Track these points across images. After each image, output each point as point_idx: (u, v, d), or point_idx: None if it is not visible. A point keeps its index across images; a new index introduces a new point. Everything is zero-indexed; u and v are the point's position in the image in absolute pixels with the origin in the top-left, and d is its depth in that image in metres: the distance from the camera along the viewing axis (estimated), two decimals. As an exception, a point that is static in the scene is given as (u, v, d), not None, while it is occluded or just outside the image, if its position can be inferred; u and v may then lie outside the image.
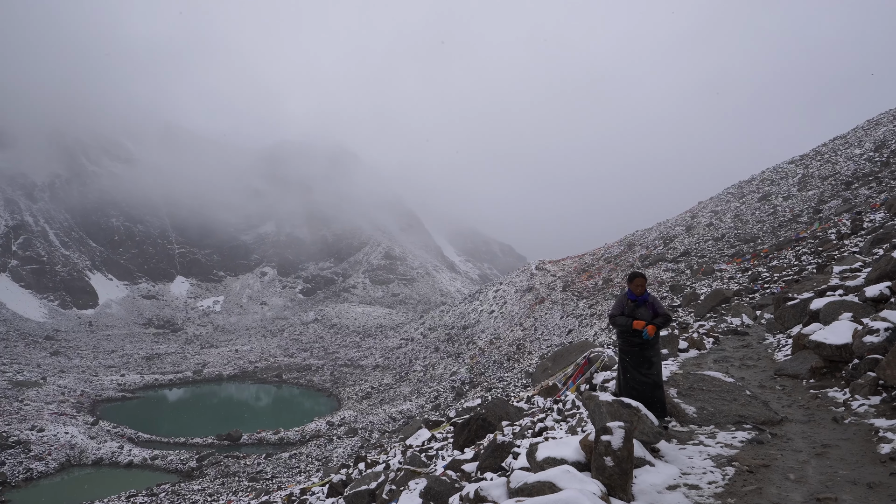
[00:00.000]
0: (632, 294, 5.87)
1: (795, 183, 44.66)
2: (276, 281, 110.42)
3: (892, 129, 40.96)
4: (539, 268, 64.09)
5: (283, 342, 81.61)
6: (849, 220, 25.48)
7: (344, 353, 72.71)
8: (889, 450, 4.30)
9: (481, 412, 13.81)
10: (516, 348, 46.88)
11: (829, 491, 3.77)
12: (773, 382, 7.38)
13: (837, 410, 5.62)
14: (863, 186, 33.13)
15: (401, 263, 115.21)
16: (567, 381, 16.23)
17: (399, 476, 11.29)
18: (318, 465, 33.32)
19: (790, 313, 11.03)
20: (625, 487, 3.77)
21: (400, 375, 57.29)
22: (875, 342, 6.07)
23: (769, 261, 27.58)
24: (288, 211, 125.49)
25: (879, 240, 17.00)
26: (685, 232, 49.93)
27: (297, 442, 40.92)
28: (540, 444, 4.52)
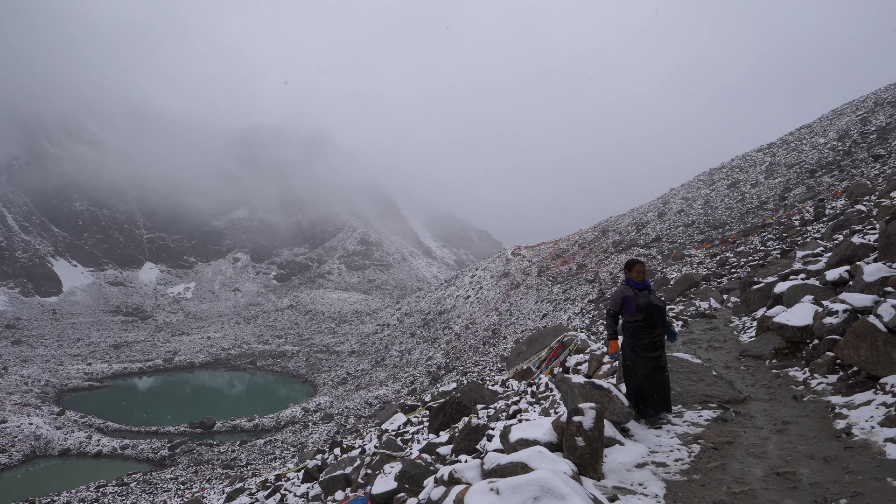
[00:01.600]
0: (636, 283, 5.43)
1: (763, 171, 45.85)
2: (250, 267, 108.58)
3: (855, 120, 42.31)
4: (515, 253, 64.59)
5: (256, 329, 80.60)
6: (812, 207, 26.34)
7: (319, 340, 72.29)
8: (844, 425, 4.49)
9: (456, 396, 13.93)
10: (492, 333, 47.35)
11: (789, 465, 3.92)
12: (738, 363, 7.62)
13: (797, 389, 5.84)
14: (826, 175, 34.23)
15: (377, 249, 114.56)
16: (541, 365, 16.48)
17: (375, 460, 11.34)
18: (294, 452, 33.24)
19: (755, 297, 11.37)
20: (595, 466, 3.85)
21: (376, 361, 57.34)
22: (834, 323, 6.30)
23: (736, 246, 28.37)
24: (262, 196, 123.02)
25: (840, 226, 17.63)
26: (657, 218, 50.90)
27: (272, 428, 40.71)
28: (513, 426, 4.57)
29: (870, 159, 30.50)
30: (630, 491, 3.63)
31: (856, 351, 5.37)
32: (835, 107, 52.46)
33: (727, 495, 3.54)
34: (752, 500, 3.44)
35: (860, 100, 48.60)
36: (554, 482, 2.50)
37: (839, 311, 6.37)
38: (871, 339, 5.21)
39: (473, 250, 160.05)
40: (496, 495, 2.49)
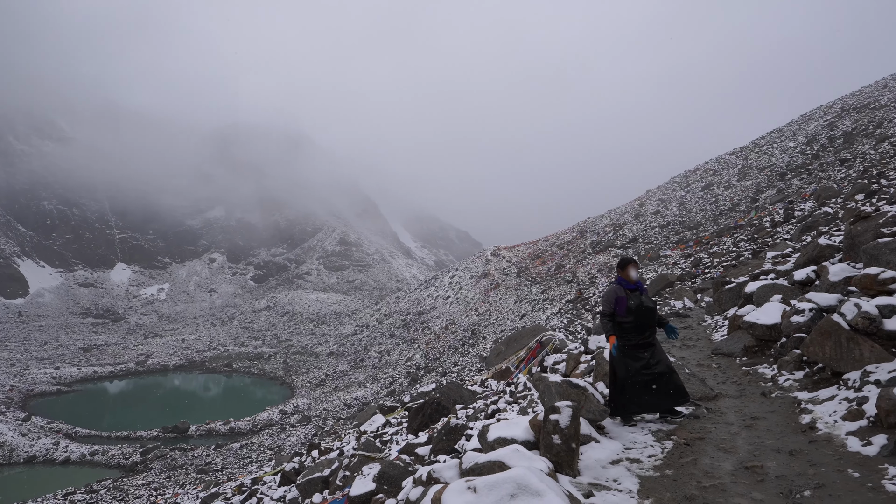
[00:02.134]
0: (628, 283, 5.35)
1: (736, 173, 47.01)
2: (226, 267, 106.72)
3: (822, 125, 43.71)
4: (494, 254, 64.89)
5: (233, 330, 79.27)
6: (782, 209, 27.12)
7: (297, 341, 71.46)
8: (809, 420, 4.64)
9: (436, 396, 13.94)
10: (471, 333, 47.47)
11: (756, 459, 4.04)
12: (710, 361, 7.80)
13: (766, 385, 6.01)
14: (795, 177, 35.28)
15: (356, 249, 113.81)
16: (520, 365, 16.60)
17: (353, 462, 11.26)
18: (271, 455, 32.78)
19: (727, 296, 11.66)
20: (571, 464, 3.90)
21: (355, 362, 56.95)
22: (801, 322, 6.51)
23: (710, 247, 29.03)
24: (239, 195, 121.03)
25: (808, 227, 18.19)
26: (634, 219, 51.74)
27: (248, 432, 40.07)
28: (491, 426, 4.60)
29: (836, 163, 31.54)
30: (605, 487, 3.69)
31: (821, 348, 5.55)
32: (804, 112, 54.10)
33: (698, 489, 3.63)
34: (721, 494, 3.53)
35: (828, 105, 50.22)
36: (530, 479, 2.54)
37: (806, 309, 6.58)
38: (835, 336, 5.39)
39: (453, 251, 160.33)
40: (473, 493, 2.51)
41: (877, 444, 3.81)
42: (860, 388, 4.78)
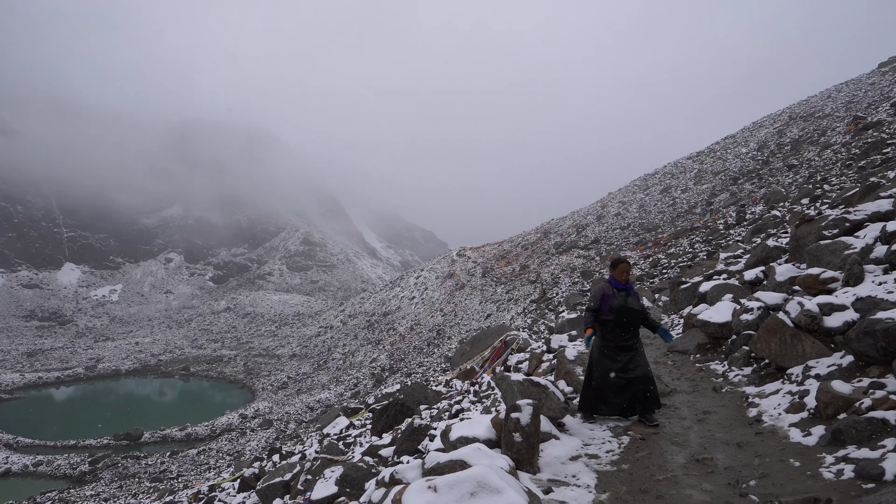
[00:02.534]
0: (617, 282, 5.28)
1: (692, 177, 48.78)
2: (184, 268, 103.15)
3: (772, 132, 45.88)
4: (460, 254, 65.15)
5: (190, 333, 76.68)
6: (734, 212, 28.32)
7: (259, 343, 69.79)
8: (756, 413, 4.87)
9: (400, 397, 13.88)
10: (436, 334, 47.50)
11: (707, 452, 4.21)
12: (665, 358, 8.07)
13: (717, 381, 6.26)
14: (747, 182, 36.90)
15: (320, 249, 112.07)
16: (484, 364, 16.72)
17: (315, 466, 11.08)
18: (230, 461, 31.89)
19: (683, 296, 12.08)
20: (531, 461, 3.96)
21: (318, 364, 56.07)
22: (750, 320, 6.81)
23: (668, 248, 30.02)
24: (197, 193, 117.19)
25: (758, 230, 19.07)
26: (596, 221, 52.95)
27: (206, 437, 38.85)
28: (453, 425, 4.62)
29: (785, 169, 33.16)
30: (564, 483, 3.76)
31: (767, 345, 5.83)
32: (755, 119, 56.67)
33: (652, 482, 3.75)
34: (674, 486, 3.66)
35: (777, 113, 52.75)
36: (490, 477, 2.56)
37: (754, 308, 6.89)
38: (780, 333, 5.67)
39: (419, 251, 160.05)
40: (434, 493, 2.52)
41: (816, 434, 4.02)
42: (802, 382, 5.04)
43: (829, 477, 3.39)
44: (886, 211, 8.00)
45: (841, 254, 7.12)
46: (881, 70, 44.00)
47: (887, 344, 4.20)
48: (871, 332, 4.33)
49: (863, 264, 6.27)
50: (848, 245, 7.28)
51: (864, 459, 3.38)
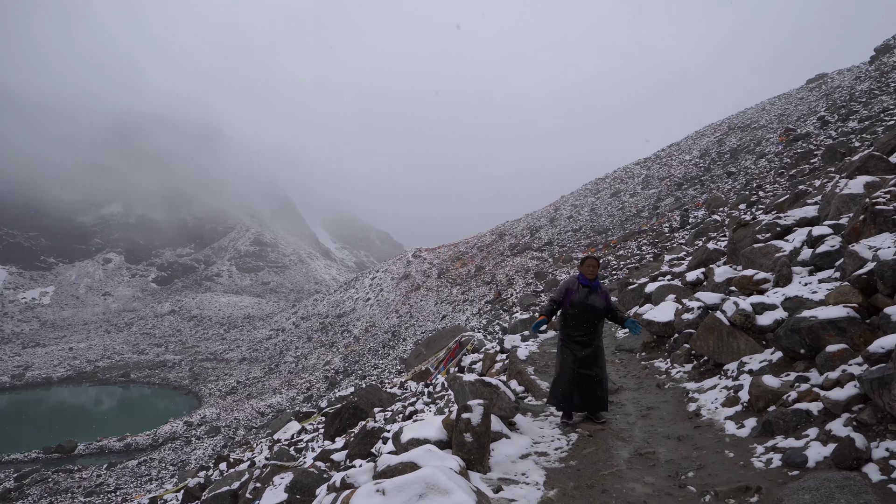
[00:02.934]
0: (584, 278, 5.36)
1: (640, 182, 50.73)
2: (124, 268, 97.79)
3: (713, 140, 48.37)
4: (415, 255, 65.03)
5: (131, 337, 72.79)
6: (679, 216, 29.65)
7: (206, 347, 67.12)
8: (695, 407, 5.11)
9: (353, 400, 13.70)
10: (392, 335, 47.19)
11: (650, 446, 4.37)
12: (613, 357, 8.34)
13: (661, 378, 6.52)
14: (690, 187, 38.72)
15: (272, 250, 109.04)
16: (439, 365, 16.75)
17: (265, 473, 10.75)
18: (174, 471, 30.47)
19: (630, 296, 12.52)
20: (482, 460, 3.99)
21: (269, 368, 54.52)
22: (690, 319, 7.14)
23: (617, 250, 31.07)
24: (140, 190, 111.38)
25: (699, 233, 20.05)
26: (549, 223, 54.16)
27: (147, 447, 36.94)
28: (405, 427, 4.60)
29: (724, 175, 35.02)
30: (514, 481, 3.81)
31: (706, 342, 6.12)
32: (698, 128, 59.55)
33: (597, 477, 3.86)
34: (618, 480, 3.78)
35: (717, 123, 55.64)
36: (438, 478, 2.56)
37: (694, 308, 7.22)
38: (717, 331, 5.97)
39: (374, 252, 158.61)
40: (382, 496, 2.49)
41: (748, 426, 4.26)
42: (737, 377, 5.33)
43: (760, 466, 3.59)
44: (812, 217, 8.59)
45: (772, 256, 7.58)
46: (809, 86, 47.26)
47: (811, 340, 4.50)
48: (797, 329, 4.62)
49: (791, 266, 6.70)
50: (778, 248, 7.76)
51: (790, 448, 3.60)
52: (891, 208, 6.11)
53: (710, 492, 3.38)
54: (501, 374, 8.16)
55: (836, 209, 7.77)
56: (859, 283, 4.65)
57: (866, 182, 7.75)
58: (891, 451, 3.06)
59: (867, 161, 8.78)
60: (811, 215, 8.64)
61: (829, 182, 10.65)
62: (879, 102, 24.88)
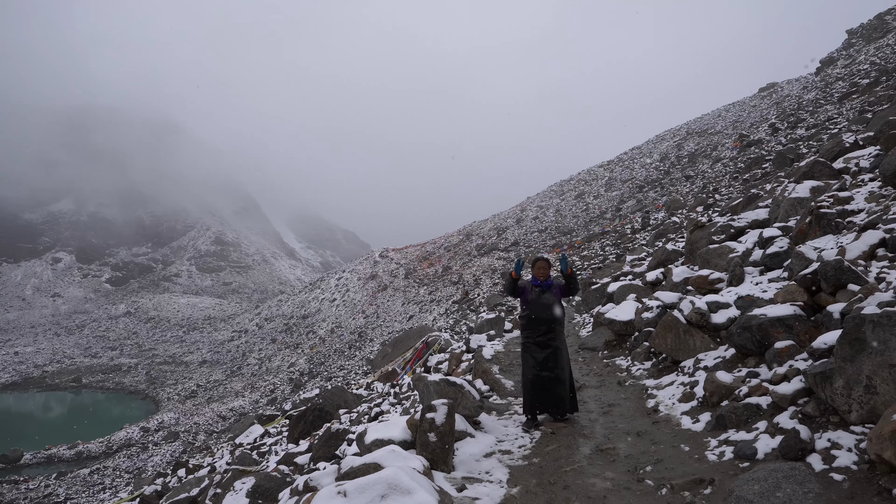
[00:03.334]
0: (536, 279, 5.46)
1: (603, 184, 51.90)
2: (75, 268, 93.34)
3: (673, 144, 49.97)
4: (382, 255, 64.62)
5: (83, 340, 69.56)
6: (640, 218, 30.49)
7: (164, 350, 64.81)
8: (653, 404, 5.26)
9: (319, 402, 13.49)
10: (358, 336, 46.74)
11: (610, 442, 4.48)
12: (577, 355, 8.49)
13: (621, 375, 6.69)
14: (651, 190, 39.88)
15: (234, 250, 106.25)
16: (406, 366, 16.69)
17: (226, 478, 10.47)
18: (129, 479, 29.29)
19: (593, 296, 12.80)
20: (446, 460, 4.00)
21: (231, 370, 53.10)
22: (650, 317, 7.35)
23: (581, 251, 31.69)
24: (93, 187, 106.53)
25: (660, 234, 20.67)
26: (515, 224, 54.76)
27: (100, 455, 35.36)
28: (369, 428, 4.56)
29: (683, 179, 36.22)
30: (477, 480, 3.84)
31: (664, 340, 6.32)
32: (658, 132, 61.42)
33: (559, 474, 3.93)
34: (579, 476, 3.86)
35: (676, 128, 57.53)
36: (401, 479, 2.55)
37: (654, 307, 7.44)
38: (675, 329, 6.17)
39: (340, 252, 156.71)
40: (343, 498, 2.46)
41: (703, 420, 4.42)
42: (693, 374, 5.52)
43: (713, 459, 3.73)
44: (763, 219, 8.99)
45: (726, 257, 7.90)
46: (761, 94, 49.44)
47: (761, 337, 4.70)
48: (749, 326, 4.83)
49: (743, 266, 6.99)
50: (732, 249, 8.09)
51: (741, 441, 3.75)
52: (834, 212, 6.46)
53: (667, 485, 3.49)
54: (467, 374, 8.20)
55: (784, 212, 8.16)
56: (805, 282, 4.89)
57: (812, 186, 8.17)
58: (832, 442, 3.23)
59: (813, 167, 9.25)
60: (762, 218, 9.05)
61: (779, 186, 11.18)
62: (825, 112, 26.26)
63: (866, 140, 10.33)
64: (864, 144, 10.14)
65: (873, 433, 2.83)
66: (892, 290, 3.76)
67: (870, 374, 3.12)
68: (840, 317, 4.13)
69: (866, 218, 5.98)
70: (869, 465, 2.92)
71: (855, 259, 4.97)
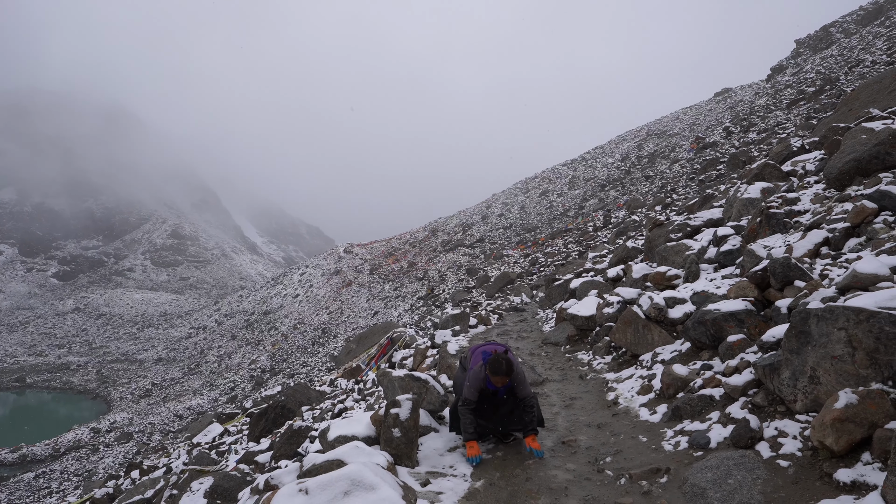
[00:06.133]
0: (490, 383, 4.25)
1: (567, 182, 52.85)
2: (18, 262, 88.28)
3: (633, 145, 51.35)
4: (347, 251, 63.88)
5: (27, 338, 65.98)
6: (602, 216, 31.21)
7: (116, 347, 62.22)
8: (613, 396, 5.40)
9: (280, 399, 13.26)
10: (322, 332, 46.11)
11: (572, 434, 4.57)
12: (540, 350, 8.63)
13: (583, 369, 6.84)
14: (612, 189, 40.87)
15: (192, 244, 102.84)
16: (370, 362, 16.57)
17: (182, 479, 10.14)
18: (78, 482, 28.04)
19: (556, 292, 13.03)
20: (410, 455, 3.99)
21: (189, 368, 51.47)
22: (610, 313, 7.53)
23: (545, 248, 32.21)
24: (37, 175, 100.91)
25: (620, 232, 21.22)
26: (481, 220, 55.12)
27: (46, 458, 33.70)
28: (332, 424, 4.50)
29: (643, 178, 37.27)
30: (441, 474, 3.85)
31: (624, 335, 6.49)
32: (620, 133, 62.96)
33: (523, 466, 3.98)
34: (542, 468, 3.92)
35: (637, 129, 59.12)
36: (364, 474, 2.52)
37: (614, 302, 7.63)
38: (634, 324, 6.35)
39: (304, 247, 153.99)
40: (305, 496, 2.41)
41: (660, 412, 4.57)
42: (651, 367, 5.69)
43: (669, 449, 3.86)
44: (718, 218, 9.35)
45: (683, 254, 8.18)
46: (716, 98, 51.38)
47: (715, 331, 4.89)
48: (703, 321, 5.01)
49: (699, 263, 7.25)
50: (688, 247, 8.38)
51: (695, 431, 3.90)
52: (782, 212, 6.78)
53: (626, 475, 3.59)
54: (432, 369, 8.21)
55: (737, 212, 8.51)
56: (755, 278, 5.11)
57: (763, 188, 8.54)
58: (779, 430, 3.39)
59: (763, 169, 9.67)
60: (717, 217, 9.40)
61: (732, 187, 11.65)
62: (774, 117, 27.52)
63: (812, 144, 10.89)
64: (809, 149, 10.68)
65: (816, 421, 2.98)
66: (835, 286, 3.97)
67: (814, 365, 3.29)
68: (787, 311, 4.33)
69: (811, 218, 6.30)
70: (812, 451, 3.09)
71: (801, 257, 5.23)
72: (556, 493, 3.48)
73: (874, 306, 3.13)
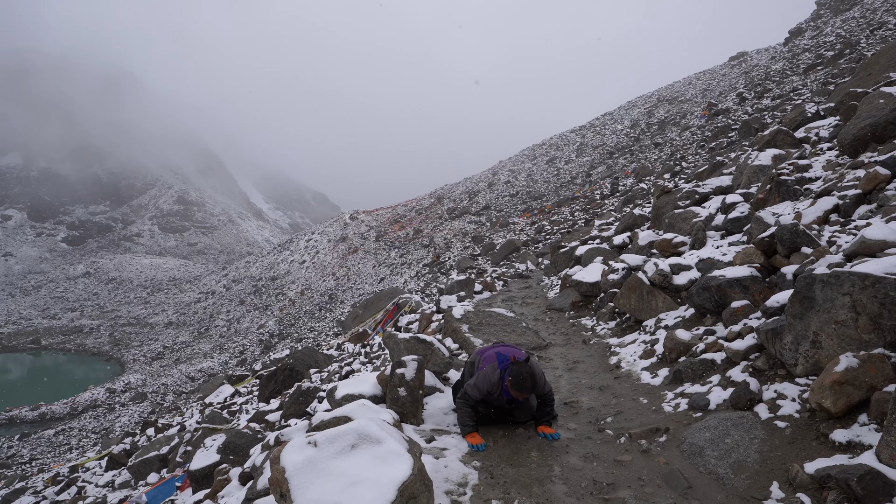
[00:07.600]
0: (507, 392, 3.84)
1: (574, 150, 52.08)
2: (27, 227, 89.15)
3: (644, 111, 50.25)
4: (353, 217, 63.93)
5: (40, 301, 67.30)
6: (609, 184, 30.88)
7: (127, 311, 63.38)
8: (616, 360, 5.49)
9: (289, 362, 13.55)
10: (328, 298, 46.66)
11: (574, 396, 4.67)
12: (544, 315, 8.72)
13: (586, 334, 6.92)
14: (621, 156, 40.28)
15: (198, 209, 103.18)
16: (377, 327, 16.83)
17: (196, 436, 10.51)
18: (96, 439, 29.10)
19: (562, 259, 13.04)
20: (416, 413, 4.10)
21: (199, 332, 52.49)
22: (615, 279, 7.56)
23: (551, 215, 32.05)
24: (42, 140, 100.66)
25: (628, 200, 21.04)
26: (487, 188, 54.71)
27: (65, 416, 34.92)
28: (340, 384, 4.61)
29: (652, 146, 36.66)
30: (446, 432, 3.96)
31: (628, 301, 6.53)
32: (630, 98, 61.54)
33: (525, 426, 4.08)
34: (544, 427, 4.03)
35: (648, 95, 57.71)
36: (371, 429, 2.61)
37: (619, 268, 7.65)
38: (638, 290, 6.38)
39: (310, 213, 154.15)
40: (313, 448, 2.51)
41: (661, 375, 4.64)
42: (654, 332, 5.75)
43: (669, 410, 3.95)
44: (727, 186, 9.24)
45: (690, 221, 8.13)
46: (731, 63, 49.84)
47: (719, 297, 4.91)
48: (708, 287, 5.03)
49: (706, 230, 7.22)
50: (696, 214, 8.32)
51: (695, 394, 3.97)
52: (793, 179, 6.68)
53: (626, 434, 3.68)
54: (437, 333, 8.33)
55: (747, 179, 8.40)
56: (762, 245, 5.09)
57: (774, 155, 8.40)
58: (778, 393, 3.45)
59: (776, 135, 9.48)
60: (726, 184, 9.29)
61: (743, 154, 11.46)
62: (791, 82, 26.75)
63: (827, 111, 10.62)
64: (824, 115, 10.42)
65: (816, 384, 3.03)
66: (842, 252, 3.95)
67: (816, 329, 3.32)
68: (792, 277, 4.34)
69: (822, 185, 6.21)
70: (810, 413, 3.14)
71: (810, 223, 5.19)
72: (558, 451, 3.58)
73: (881, 272, 3.12)
